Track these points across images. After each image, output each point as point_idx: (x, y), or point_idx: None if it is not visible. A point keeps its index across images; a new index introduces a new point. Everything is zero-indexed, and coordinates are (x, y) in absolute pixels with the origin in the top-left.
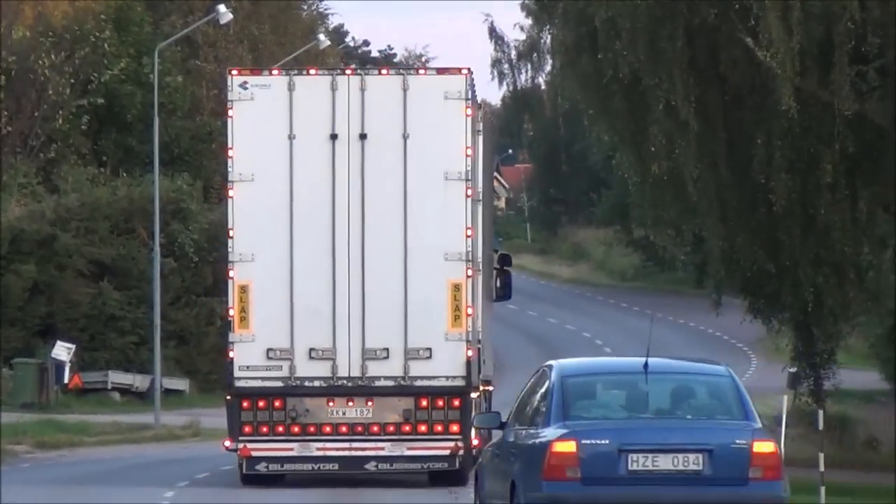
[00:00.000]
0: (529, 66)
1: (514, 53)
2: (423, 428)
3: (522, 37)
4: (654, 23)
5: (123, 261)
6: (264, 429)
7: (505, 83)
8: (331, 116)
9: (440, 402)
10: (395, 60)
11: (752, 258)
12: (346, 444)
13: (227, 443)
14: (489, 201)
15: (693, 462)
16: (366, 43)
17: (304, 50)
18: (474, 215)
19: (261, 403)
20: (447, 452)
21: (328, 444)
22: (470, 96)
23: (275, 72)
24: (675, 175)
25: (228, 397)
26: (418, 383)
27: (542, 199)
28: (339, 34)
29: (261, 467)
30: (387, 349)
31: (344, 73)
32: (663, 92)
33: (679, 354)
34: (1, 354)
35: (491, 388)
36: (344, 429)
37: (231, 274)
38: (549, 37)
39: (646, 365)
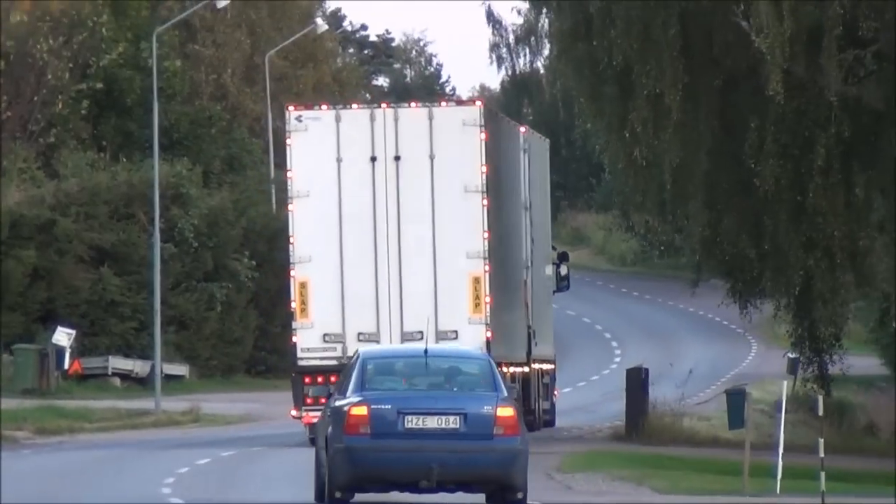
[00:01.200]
0: (528, 51)
1: (512, 38)
2: None
3: (520, 20)
4: (648, 10)
5: (123, 246)
6: (322, 400)
7: (503, 67)
8: (370, 142)
9: None
10: (393, 45)
11: (735, 242)
12: None
13: (294, 412)
14: (544, 209)
15: (452, 422)
16: (363, 27)
17: (301, 34)
18: (498, 220)
19: (319, 379)
20: None
21: None
22: (482, 123)
23: (324, 107)
24: (657, 161)
25: (293, 374)
26: None
27: None
28: (336, 18)
29: None
30: (421, 332)
31: (380, 107)
32: (651, 79)
33: (676, 338)
34: (1, 340)
35: (553, 366)
36: None
37: (292, 273)
38: (546, 21)
39: (426, 351)
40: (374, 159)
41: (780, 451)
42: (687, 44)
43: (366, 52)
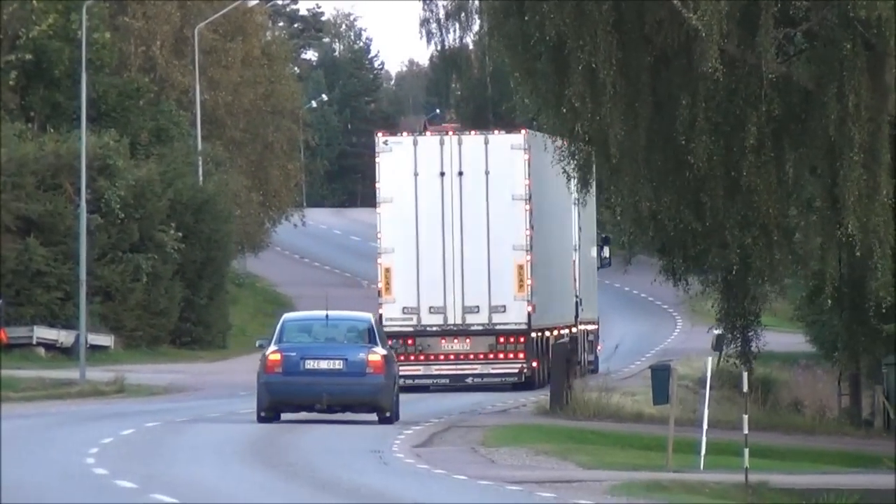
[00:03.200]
0: (457, 26)
1: (442, 13)
2: (501, 356)
3: None
4: None
5: (50, 216)
6: (402, 357)
7: (433, 43)
8: (440, 160)
9: (511, 339)
10: (323, 19)
11: (678, 218)
12: (453, 367)
13: None
14: (592, 203)
15: (337, 364)
16: (294, 1)
17: (232, 6)
18: (542, 219)
19: (400, 342)
20: (516, 370)
21: (442, 367)
22: (526, 146)
23: (405, 133)
24: (599, 136)
25: None
26: (498, 327)
27: None
28: None
29: (400, 382)
30: (478, 306)
31: (448, 134)
32: (585, 54)
33: (603, 314)
34: None
35: (596, 326)
36: (452, 357)
37: (379, 261)
38: None
39: (327, 316)
40: (442, 174)
41: (705, 426)
42: (619, 19)
43: (295, 25)
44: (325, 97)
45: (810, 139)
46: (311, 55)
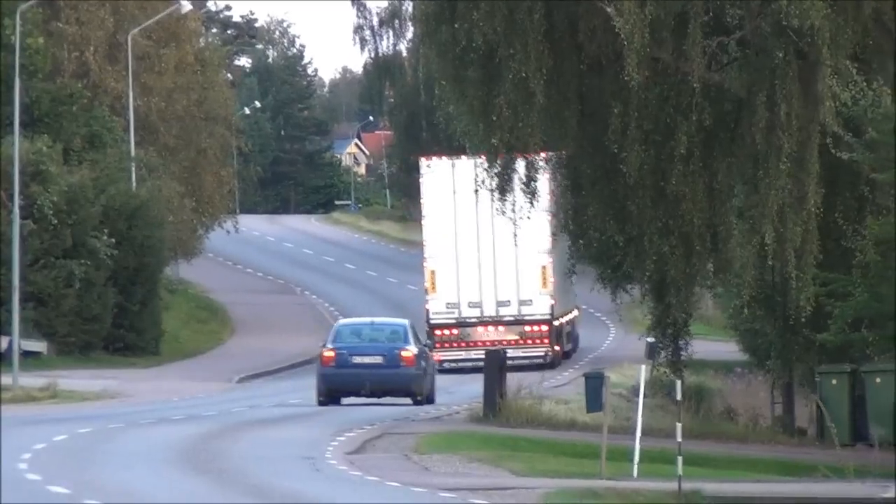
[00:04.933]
0: (391, 33)
1: (376, 20)
2: (529, 342)
3: (384, 3)
4: None
5: None
6: (446, 345)
7: (366, 49)
8: (474, 179)
9: (537, 328)
10: (257, 25)
11: (603, 228)
12: None
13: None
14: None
15: (378, 359)
16: (227, 7)
17: (165, 13)
18: (557, 227)
19: (445, 332)
20: (542, 353)
21: (480, 352)
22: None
23: (444, 157)
24: (520, 146)
25: (427, 329)
26: (526, 318)
27: (403, 166)
28: None
29: (445, 364)
30: (509, 300)
31: (481, 157)
32: (516, 63)
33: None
34: None
35: (577, 311)
36: (488, 343)
37: (425, 265)
38: (410, 4)
39: (372, 322)
40: (476, 191)
41: (638, 434)
42: (551, 27)
43: (229, 32)
44: (258, 104)
45: (739, 148)
46: (244, 62)
